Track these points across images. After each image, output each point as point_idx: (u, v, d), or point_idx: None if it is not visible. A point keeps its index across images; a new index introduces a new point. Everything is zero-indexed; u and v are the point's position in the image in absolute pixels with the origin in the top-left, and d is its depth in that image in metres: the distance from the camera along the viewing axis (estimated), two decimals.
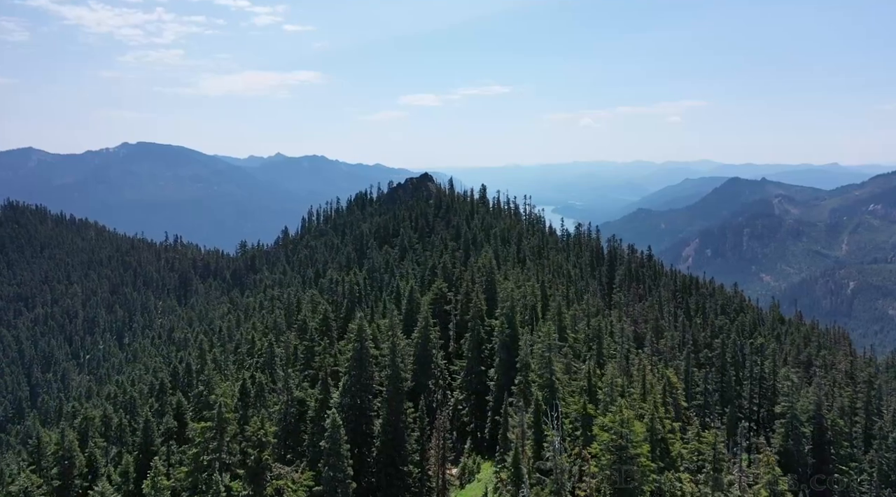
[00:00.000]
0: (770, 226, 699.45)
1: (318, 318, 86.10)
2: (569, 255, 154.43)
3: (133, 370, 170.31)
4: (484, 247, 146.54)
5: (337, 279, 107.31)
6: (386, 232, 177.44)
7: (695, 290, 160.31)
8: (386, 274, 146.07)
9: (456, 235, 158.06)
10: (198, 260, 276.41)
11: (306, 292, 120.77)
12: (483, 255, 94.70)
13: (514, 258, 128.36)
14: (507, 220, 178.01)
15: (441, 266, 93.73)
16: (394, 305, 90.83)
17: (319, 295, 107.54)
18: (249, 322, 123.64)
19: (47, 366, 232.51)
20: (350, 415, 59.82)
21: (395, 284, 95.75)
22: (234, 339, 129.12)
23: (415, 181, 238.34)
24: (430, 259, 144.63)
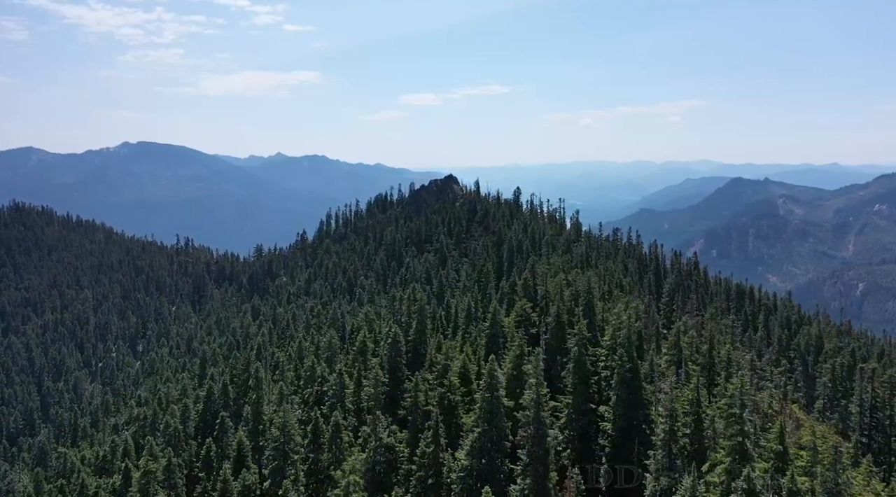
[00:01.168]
0: (775, 226, 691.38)
1: (385, 341, 76.25)
2: (614, 262, 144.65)
3: (155, 385, 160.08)
4: (530, 255, 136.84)
5: (401, 296, 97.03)
6: (419, 237, 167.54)
7: (749, 299, 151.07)
8: (428, 285, 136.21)
9: (497, 242, 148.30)
10: (211, 264, 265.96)
11: (360, 309, 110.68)
12: (575, 272, 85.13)
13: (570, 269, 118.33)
14: (546, 224, 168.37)
15: (522, 282, 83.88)
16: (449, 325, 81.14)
17: (373, 312, 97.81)
18: (293, 341, 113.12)
19: (58, 374, 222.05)
20: (478, 481, 49.45)
21: (469, 303, 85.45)
22: (271, 356, 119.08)
23: (439, 183, 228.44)
24: (478, 267, 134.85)
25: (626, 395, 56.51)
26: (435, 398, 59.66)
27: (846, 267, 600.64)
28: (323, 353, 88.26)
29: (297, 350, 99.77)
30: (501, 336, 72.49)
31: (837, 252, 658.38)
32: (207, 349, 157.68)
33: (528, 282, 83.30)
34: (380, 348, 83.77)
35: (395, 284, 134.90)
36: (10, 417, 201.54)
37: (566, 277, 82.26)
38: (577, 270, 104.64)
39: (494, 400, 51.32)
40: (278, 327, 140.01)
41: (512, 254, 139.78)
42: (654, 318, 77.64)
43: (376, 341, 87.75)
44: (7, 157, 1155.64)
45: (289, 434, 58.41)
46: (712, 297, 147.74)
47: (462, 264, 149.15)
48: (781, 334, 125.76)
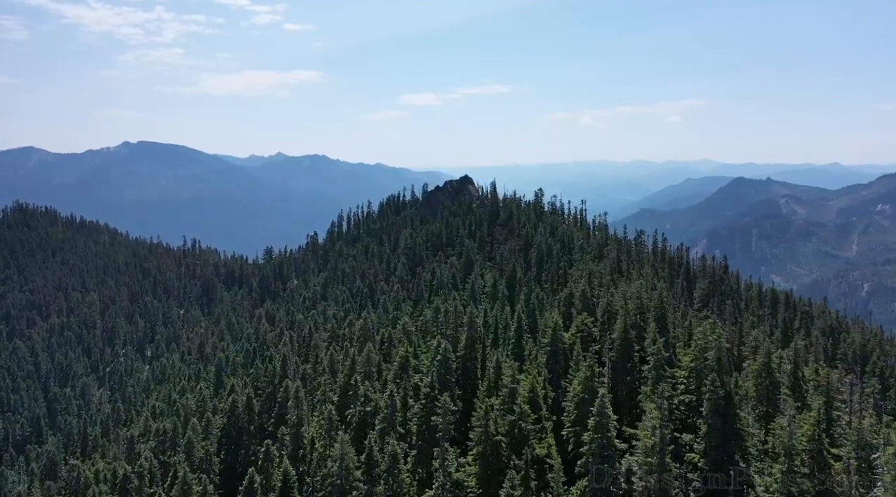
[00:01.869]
0: (779, 226, 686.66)
1: (433, 358, 70.25)
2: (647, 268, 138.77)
3: (169, 394, 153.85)
4: (561, 260, 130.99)
5: (441, 308, 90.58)
6: (439, 241, 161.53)
7: (784, 304, 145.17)
8: (454, 290, 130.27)
9: (525, 246, 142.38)
10: (220, 266, 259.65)
11: (387, 317, 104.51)
12: (636, 283, 79.10)
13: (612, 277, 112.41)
14: (572, 226, 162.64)
15: (580, 293, 77.88)
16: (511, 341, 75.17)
17: (411, 323, 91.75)
18: (319, 352, 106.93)
19: (64, 380, 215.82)
20: None
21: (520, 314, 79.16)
22: (296, 368, 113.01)
23: (454, 183, 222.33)
24: (506, 272, 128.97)
25: (720, 424, 50.62)
26: (504, 427, 53.76)
27: (851, 267, 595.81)
28: (361, 368, 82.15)
29: (329, 363, 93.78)
30: (562, 353, 66.58)
31: (841, 252, 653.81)
32: (223, 357, 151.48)
33: (586, 292, 77.46)
34: (422, 364, 77.86)
35: (421, 291, 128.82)
36: (16, 424, 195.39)
37: (630, 288, 76.23)
38: (624, 279, 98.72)
39: (605, 441, 45.39)
40: (298, 335, 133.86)
41: (541, 259, 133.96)
42: (732, 336, 71.65)
43: (416, 355, 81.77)
44: (7, 156, 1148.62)
45: (347, 468, 52.53)
46: (747, 303, 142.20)
47: (486, 269, 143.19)
48: (826, 343, 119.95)
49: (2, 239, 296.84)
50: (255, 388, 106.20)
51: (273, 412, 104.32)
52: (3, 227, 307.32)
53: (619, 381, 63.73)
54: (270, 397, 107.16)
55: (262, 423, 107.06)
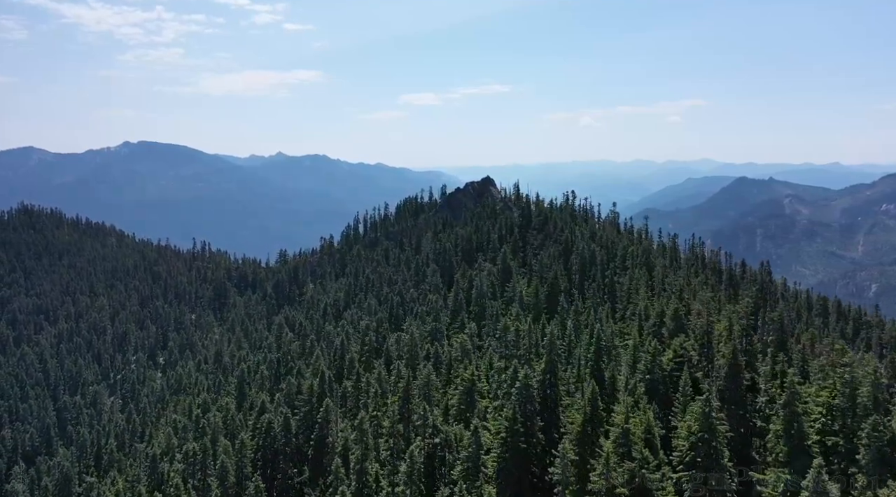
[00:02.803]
0: (783, 226, 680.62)
1: (509, 385, 62.39)
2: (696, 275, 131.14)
3: (188, 406, 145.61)
4: (607, 268, 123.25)
5: (512, 326, 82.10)
6: (469, 245, 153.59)
7: (835, 313, 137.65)
8: (493, 300, 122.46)
9: (564, 252, 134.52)
10: (232, 270, 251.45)
11: (456, 334, 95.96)
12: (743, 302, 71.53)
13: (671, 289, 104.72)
14: (612, 231, 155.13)
15: (672, 312, 69.94)
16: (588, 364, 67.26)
17: (468, 341, 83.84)
18: (360, 368, 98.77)
19: (74, 388, 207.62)
20: None
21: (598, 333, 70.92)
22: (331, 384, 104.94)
23: (476, 185, 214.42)
24: (548, 280, 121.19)
25: (889, 475, 42.91)
26: (623, 476, 46.05)
27: (857, 267, 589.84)
28: (419, 390, 74.25)
29: (377, 383, 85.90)
30: (661, 382, 58.91)
31: (846, 252, 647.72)
32: (245, 368, 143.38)
33: (679, 311, 69.69)
34: (486, 387, 70.10)
35: (460, 302, 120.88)
36: (25, 435, 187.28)
37: (739, 307, 68.58)
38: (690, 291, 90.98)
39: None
40: (329, 348, 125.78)
41: (584, 267, 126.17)
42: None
43: (481, 378, 73.97)
44: (7, 156, 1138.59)
45: None
46: (798, 312, 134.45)
47: (521, 276, 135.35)
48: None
49: (7, 241, 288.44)
50: (288, 406, 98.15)
51: (312, 434, 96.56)
52: (7, 229, 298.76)
53: (729, 415, 55.95)
54: (307, 417, 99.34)
55: (298, 444, 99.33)
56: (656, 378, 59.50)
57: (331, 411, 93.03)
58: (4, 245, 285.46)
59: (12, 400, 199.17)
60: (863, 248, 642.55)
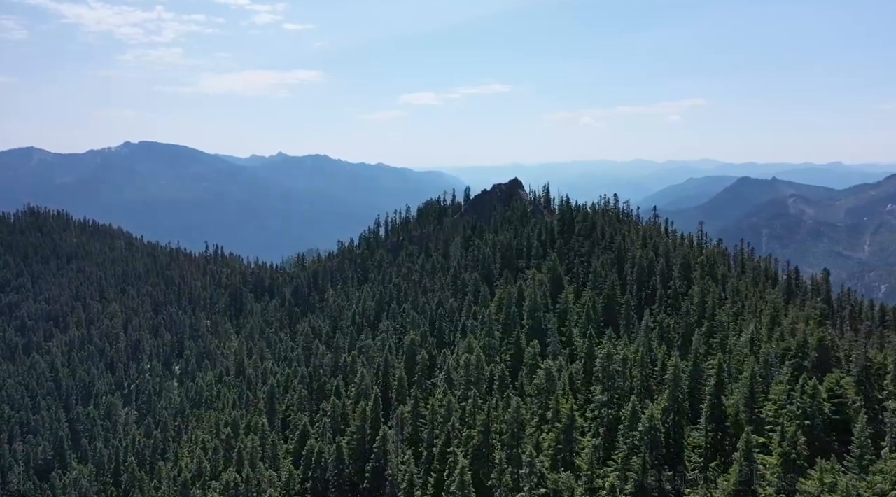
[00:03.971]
0: (789, 226, 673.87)
1: (629, 426, 53.33)
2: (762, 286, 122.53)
3: (214, 423, 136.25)
4: (671, 278, 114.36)
5: (619, 352, 71.60)
6: (509, 252, 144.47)
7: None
8: (548, 313, 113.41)
9: (617, 260, 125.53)
10: (248, 275, 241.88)
11: (508, 349, 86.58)
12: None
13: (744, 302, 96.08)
14: (665, 238, 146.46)
15: (816, 342, 60.80)
16: None
17: (553, 366, 74.66)
18: (416, 392, 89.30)
19: (87, 398, 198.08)
20: None
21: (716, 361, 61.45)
22: (382, 405, 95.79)
23: (504, 187, 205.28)
24: (605, 292, 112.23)
25: None
26: None
27: (865, 268, 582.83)
28: (507, 425, 65.07)
29: (445, 410, 76.68)
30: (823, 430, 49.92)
31: (853, 252, 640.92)
32: (274, 382, 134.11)
33: (826, 341, 60.53)
34: (593, 426, 61.00)
35: (514, 316, 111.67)
36: (37, 448, 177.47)
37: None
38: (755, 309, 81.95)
39: None
40: (369, 364, 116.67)
41: (642, 277, 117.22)
42: None
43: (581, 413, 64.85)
44: (8, 157, 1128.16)
45: None
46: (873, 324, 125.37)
47: (570, 285, 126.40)
48: None
49: (13, 244, 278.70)
50: (349, 439, 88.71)
51: (366, 465, 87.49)
52: (14, 231, 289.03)
53: None
54: (360, 445, 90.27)
55: (350, 474, 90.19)
56: (816, 424, 50.51)
57: (388, 440, 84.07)
58: (11, 248, 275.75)
59: (23, 411, 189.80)
60: (869, 248, 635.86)
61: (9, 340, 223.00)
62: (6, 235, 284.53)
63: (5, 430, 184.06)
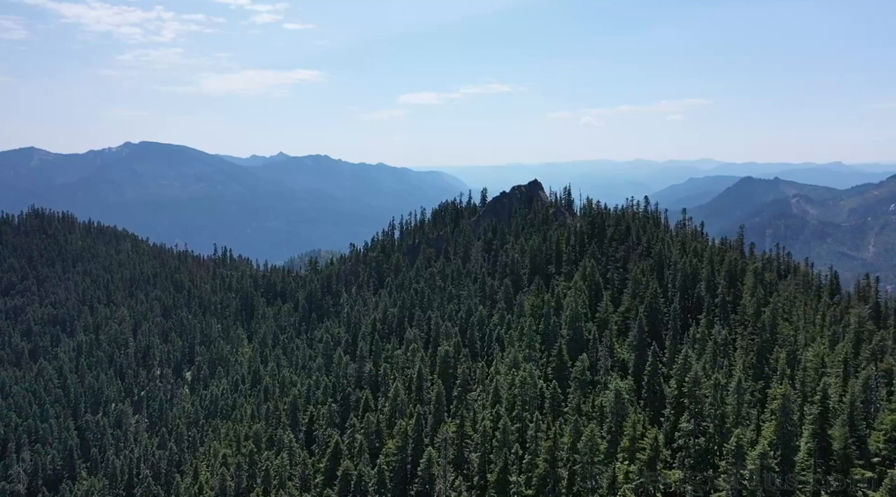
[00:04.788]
0: (793, 227, 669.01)
1: (734, 459, 47.39)
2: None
3: (234, 434, 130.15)
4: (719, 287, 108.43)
5: (717, 379, 64.38)
6: (539, 257, 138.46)
7: None
8: (588, 322, 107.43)
9: (657, 266, 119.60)
10: (259, 278, 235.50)
11: (551, 362, 79.88)
12: None
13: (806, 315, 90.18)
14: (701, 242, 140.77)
15: None
16: None
17: (623, 386, 68.61)
18: (486, 420, 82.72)
19: (96, 405, 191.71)
20: None
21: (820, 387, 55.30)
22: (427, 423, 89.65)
23: (523, 189, 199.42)
24: (646, 300, 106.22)
25: None
26: None
27: (870, 269, 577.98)
28: (580, 455, 59.00)
29: (501, 433, 70.64)
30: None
31: (857, 253, 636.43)
32: (296, 393, 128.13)
33: None
34: (680, 458, 55.00)
35: (554, 326, 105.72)
36: (46, 457, 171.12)
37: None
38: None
39: None
40: (402, 375, 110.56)
41: (686, 284, 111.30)
42: None
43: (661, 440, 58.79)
44: (8, 157, 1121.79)
45: None
46: None
47: (607, 292, 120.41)
48: None
49: (18, 246, 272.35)
50: (387, 457, 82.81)
51: (408, 488, 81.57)
52: (19, 233, 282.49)
53: None
54: (400, 465, 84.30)
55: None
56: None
57: (434, 462, 78.14)
58: (16, 250, 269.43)
59: (31, 419, 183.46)
60: (874, 248, 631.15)
61: (15, 345, 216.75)
62: (10, 237, 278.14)
63: (13, 439, 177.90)
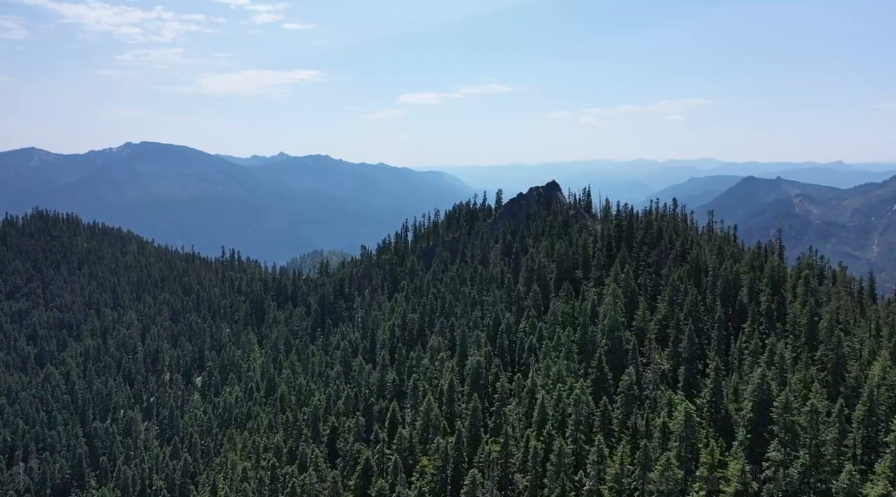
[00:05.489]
0: (797, 227, 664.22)
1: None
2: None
3: (254, 446, 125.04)
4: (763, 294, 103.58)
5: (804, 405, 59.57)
6: (566, 261, 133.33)
7: None
8: (628, 330, 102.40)
9: (694, 272, 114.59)
10: (269, 281, 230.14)
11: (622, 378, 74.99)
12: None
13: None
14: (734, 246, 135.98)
15: None
16: None
17: (690, 407, 63.47)
18: (538, 442, 77.60)
19: (104, 412, 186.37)
20: None
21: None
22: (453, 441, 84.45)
23: (541, 190, 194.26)
24: (686, 307, 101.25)
25: None
26: None
27: (874, 269, 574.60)
28: (654, 484, 54.02)
29: (556, 456, 65.55)
30: None
31: (861, 253, 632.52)
32: (317, 403, 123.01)
33: None
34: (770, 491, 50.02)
35: (593, 336, 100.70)
36: (54, 466, 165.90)
37: None
38: None
39: None
40: (432, 387, 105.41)
41: (728, 292, 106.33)
42: None
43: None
44: (9, 157, 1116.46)
45: None
46: None
47: (642, 299, 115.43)
48: None
49: (23, 248, 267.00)
50: (425, 479, 77.88)
51: None
52: (23, 235, 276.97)
53: None
54: (440, 486, 79.29)
55: None
56: None
57: (478, 485, 73.11)
58: (21, 253, 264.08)
59: (38, 426, 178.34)
60: (878, 248, 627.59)
61: (21, 350, 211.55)
62: (15, 239, 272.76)
63: (20, 447, 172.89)
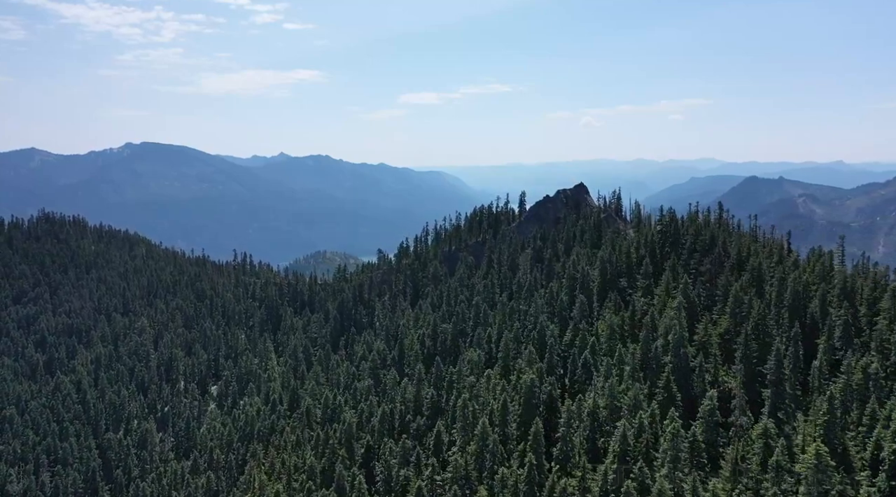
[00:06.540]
0: (802, 227, 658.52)
1: None
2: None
3: (281, 463, 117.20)
4: (830, 308, 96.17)
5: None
6: (611, 270, 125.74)
7: None
8: (692, 346, 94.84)
9: (755, 282, 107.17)
10: (284, 286, 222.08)
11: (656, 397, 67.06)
12: None
13: None
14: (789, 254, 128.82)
15: None
16: None
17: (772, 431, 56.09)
18: (630, 481, 69.98)
19: (117, 423, 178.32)
20: None
21: None
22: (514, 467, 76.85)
23: (569, 193, 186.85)
24: (752, 321, 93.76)
25: None
26: None
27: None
28: None
29: (658, 494, 58.08)
30: None
31: (867, 253, 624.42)
32: (349, 420, 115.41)
33: None
34: None
35: (656, 351, 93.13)
36: (67, 480, 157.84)
37: None
38: None
39: None
40: (481, 407, 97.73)
41: (797, 304, 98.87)
42: None
43: None
44: (9, 158, 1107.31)
45: None
46: None
47: (702, 311, 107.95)
48: None
49: (29, 252, 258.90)
50: None
51: None
52: (30, 239, 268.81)
53: None
54: None
55: None
56: None
57: None
58: (27, 256, 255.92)
59: (50, 437, 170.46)
60: (884, 248, 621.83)
61: (29, 357, 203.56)
62: (21, 242, 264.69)
63: (31, 460, 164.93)
